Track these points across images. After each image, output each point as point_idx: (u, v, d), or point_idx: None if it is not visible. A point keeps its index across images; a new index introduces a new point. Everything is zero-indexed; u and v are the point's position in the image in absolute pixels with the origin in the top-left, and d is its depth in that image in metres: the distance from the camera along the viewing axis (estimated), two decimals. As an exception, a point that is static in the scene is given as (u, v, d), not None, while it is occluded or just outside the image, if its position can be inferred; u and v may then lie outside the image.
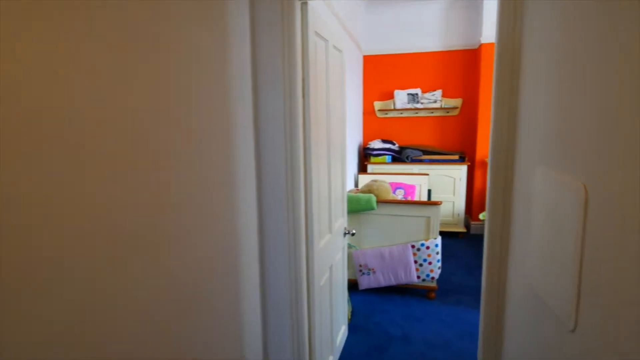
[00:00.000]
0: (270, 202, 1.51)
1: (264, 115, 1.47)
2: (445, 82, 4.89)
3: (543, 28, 1.07)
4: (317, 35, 1.66)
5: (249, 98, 1.41)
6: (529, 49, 1.21)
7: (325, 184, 1.90)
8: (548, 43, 1.02)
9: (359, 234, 3.10)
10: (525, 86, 1.23)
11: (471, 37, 4.70)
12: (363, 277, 3.07)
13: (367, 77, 5.08)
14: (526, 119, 1.21)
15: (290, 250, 1.53)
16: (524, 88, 1.25)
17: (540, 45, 1.10)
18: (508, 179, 1.34)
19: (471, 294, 3.12)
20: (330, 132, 1.94)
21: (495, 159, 1.36)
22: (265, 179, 1.50)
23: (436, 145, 5.02)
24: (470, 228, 4.79)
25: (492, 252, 1.42)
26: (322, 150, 1.81)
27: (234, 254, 1.31)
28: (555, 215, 0.93)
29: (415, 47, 4.88)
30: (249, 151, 1.41)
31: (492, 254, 1.42)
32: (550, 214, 0.96)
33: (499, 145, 1.35)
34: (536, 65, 1.13)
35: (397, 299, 3.05)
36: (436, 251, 2.95)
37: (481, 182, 4.68)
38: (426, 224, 2.97)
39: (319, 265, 1.75)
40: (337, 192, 2.17)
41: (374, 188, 3.20)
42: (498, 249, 1.39)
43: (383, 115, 5.11)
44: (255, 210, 1.47)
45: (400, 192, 4.29)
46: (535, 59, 1.14)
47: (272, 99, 1.47)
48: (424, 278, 3.00)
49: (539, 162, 1.09)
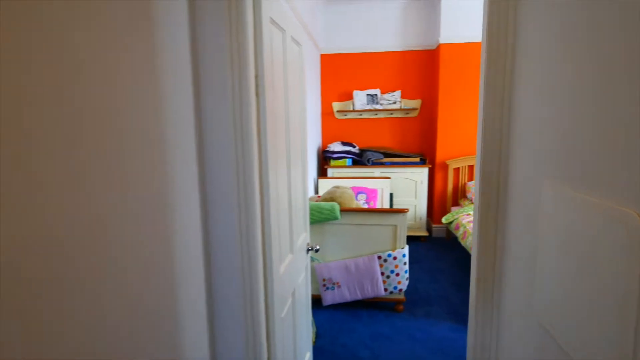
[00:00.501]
0: (218, 229, 1.22)
1: (209, 123, 1.18)
2: (404, 83, 4.79)
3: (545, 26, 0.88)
4: (273, 23, 1.39)
5: (188, 104, 1.11)
6: (525, 48, 1.02)
7: (285, 196, 1.64)
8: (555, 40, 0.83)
9: (321, 245, 2.86)
10: (521, 89, 1.04)
11: (429, 38, 4.62)
12: (327, 292, 2.83)
13: (325, 77, 4.87)
14: (525, 126, 1.02)
15: (246, 285, 1.25)
16: (519, 91, 1.06)
17: (541, 44, 0.91)
18: (501, 193, 1.15)
19: (439, 304, 2.98)
20: (290, 136, 1.68)
21: (486, 170, 1.16)
22: (212, 201, 1.22)
23: (396, 148, 4.91)
24: (432, 231, 4.71)
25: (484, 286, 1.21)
26: (281, 158, 1.55)
27: (169, 299, 1.01)
28: (583, 246, 0.73)
29: (373, 46, 4.73)
30: (188, 169, 1.12)
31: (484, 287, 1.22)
32: (573, 244, 0.77)
33: (490, 154, 1.15)
34: (538, 65, 0.94)
35: (363, 314, 2.84)
36: (404, 261, 2.78)
37: (442, 184, 4.61)
38: (393, 232, 2.78)
39: (280, 295, 1.49)
40: (299, 203, 1.91)
41: (336, 195, 2.98)
42: (490, 277, 1.19)
43: (342, 117, 4.92)
44: (200, 240, 1.18)
45: (362, 197, 4.11)
46: (535, 59, 0.96)
47: (219, 102, 1.18)
48: (392, 290, 2.81)
49: (545, 174, 0.90)
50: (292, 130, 1.73)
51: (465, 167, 4.50)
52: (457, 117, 4.43)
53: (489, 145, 1.16)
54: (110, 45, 0.76)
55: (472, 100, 4.38)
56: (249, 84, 1.20)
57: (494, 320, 1.20)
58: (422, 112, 4.83)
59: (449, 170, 4.52)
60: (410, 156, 4.58)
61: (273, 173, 1.38)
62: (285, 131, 1.62)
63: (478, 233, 1.18)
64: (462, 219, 3.84)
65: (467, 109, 4.41)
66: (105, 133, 0.74)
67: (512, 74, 1.10)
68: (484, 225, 1.18)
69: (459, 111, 4.42)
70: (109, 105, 0.76)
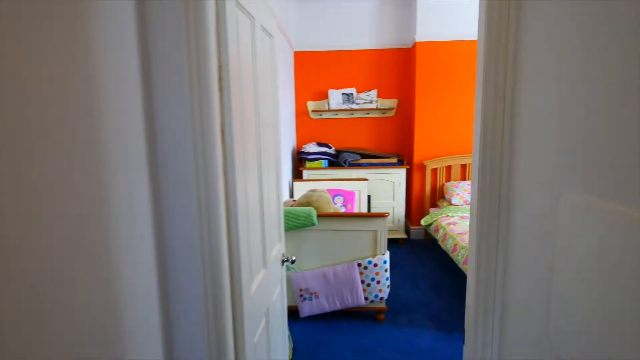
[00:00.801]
0: (176, 250, 1.03)
1: (164, 125, 0.99)
2: (381, 82, 4.67)
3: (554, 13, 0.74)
4: (239, 7, 1.21)
5: (135, 104, 0.91)
6: (530, 46, 0.88)
7: (257, 205, 1.45)
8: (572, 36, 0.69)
9: (298, 253, 2.69)
10: (527, 87, 0.91)
11: (405, 36, 4.52)
12: (305, 303, 2.66)
13: (299, 75, 4.69)
14: (533, 128, 0.88)
15: (210, 315, 1.06)
16: (525, 90, 0.92)
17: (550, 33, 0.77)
18: (503, 204, 1.01)
19: (421, 311, 2.86)
20: (262, 136, 1.50)
21: (485, 179, 1.02)
22: (168, 218, 1.02)
23: (374, 148, 4.79)
24: (411, 233, 4.62)
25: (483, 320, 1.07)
26: (251, 161, 1.37)
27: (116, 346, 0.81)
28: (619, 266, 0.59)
29: (349, 44, 4.59)
30: (137, 181, 0.92)
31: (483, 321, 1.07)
32: (605, 263, 0.63)
33: (489, 161, 1.01)
34: (547, 59, 0.81)
35: (343, 325, 2.68)
36: (384, 268, 2.64)
37: (420, 185, 4.52)
38: (372, 238, 2.64)
39: (252, 318, 1.30)
40: (272, 211, 1.73)
41: (313, 199, 2.80)
42: (491, 306, 1.05)
43: (317, 117, 4.75)
44: (152, 263, 0.98)
45: (340, 199, 3.96)
46: (545, 57, 0.82)
47: (174, 98, 0.99)
48: (372, 299, 2.67)
49: (563, 182, 0.76)
50: (264, 130, 1.54)
51: (443, 168, 4.43)
52: (434, 116, 4.36)
53: (489, 150, 1.01)
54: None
55: (449, 99, 4.32)
56: (210, 76, 1.01)
57: (494, 356, 1.06)
58: (398, 112, 4.73)
59: (426, 171, 4.43)
60: (387, 157, 4.46)
61: (241, 179, 1.20)
62: (256, 131, 1.43)
63: (476, 252, 1.04)
64: (442, 221, 3.76)
65: (444, 109, 4.34)
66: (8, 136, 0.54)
67: (515, 70, 0.97)
68: (483, 244, 1.03)
69: (436, 111, 4.34)
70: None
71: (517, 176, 0.96)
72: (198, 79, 1.00)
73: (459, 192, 4.11)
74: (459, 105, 4.32)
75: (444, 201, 4.32)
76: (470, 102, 4.30)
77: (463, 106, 4.32)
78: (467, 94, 4.29)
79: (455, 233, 3.33)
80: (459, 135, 4.38)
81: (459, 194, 4.10)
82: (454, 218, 3.75)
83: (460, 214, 3.84)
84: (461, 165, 4.40)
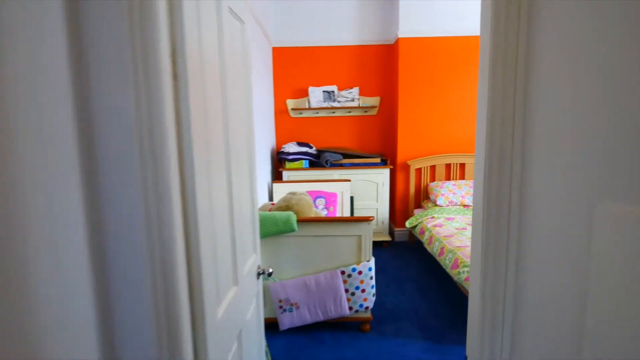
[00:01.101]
0: (120, 273, 0.83)
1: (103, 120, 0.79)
2: (362, 79, 4.52)
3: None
4: (198, -19, 1.02)
5: (65, 97, 0.71)
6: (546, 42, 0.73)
7: (225, 212, 1.26)
8: None
9: (277, 261, 2.50)
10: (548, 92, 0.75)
11: (387, 32, 4.39)
12: (284, 314, 2.47)
13: (278, 72, 4.49)
14: (552, 130, 0.72)
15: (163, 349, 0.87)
16: (544, 93, 0.76)
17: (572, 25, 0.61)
18: (513, 216, 0.85)
19: (408, 319, 2.72)
20: (231, 133, 1.31)
21: (492, 188, 0.86)
22: (111, 229, 0.82)
23: (356, 148, 4.63)
24: (395, 235, 4.48)
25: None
26: (218, 161, 1.18)
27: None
28: None
29: (330, 40, 4.42)
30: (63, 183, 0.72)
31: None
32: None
33: (497, 166, 0.85)
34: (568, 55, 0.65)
35: (326, 337, 2.51)
36: (370, 276, 2.48)
37: (404, 186, 4.39)
38: (357, 244, 2.48)
39: (219, 346, 1.11)
40: (246, 218, 1.54)
41: (292, 203, 2.62)
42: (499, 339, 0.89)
43: (297, 115, 4.57)
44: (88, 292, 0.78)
45: (321, 201, 3.79)
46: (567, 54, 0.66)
47: (114, 86, 0.79)
48: (357, 309, 2.50)
49: (599, 190, 0.61)
50: (235, 127, 1.35)
51: (427, 168, 4.31)
52: (417, 115, 4.23)
53: (496, 156, 0.86)
54: None
55: (433, 97, 4.20)
56: (159, 60, 0.82)
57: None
58: (381, 110, 4.59)
59: (410, 171, 4.31)
60: (370, 157, 4.31)
61: (204, 183, 1.01)
62: (224, 127, 1.24)
63: (482, 273, 0.88)
64: (427, 223, 3.63)
65: (428, 107, 4.22)
66: None
67: (527, 68, 0.81)
68: (490, 264, 0.88)
69: (420, 109, 4.22)
70: None
71: (532, 183, 0.80)
72: (144, 62, 0.81)
73: (444, 192, 4.00)
74: (443, 103, 4.21)
75: (429, 202, 4.20)
76: (455, 100, 4.19)
77: (447, 104, 4.21)
78: (452, 92, 4.18)
79: (442, 236, 3.20)
80: (443, 134, 4.27)
81: (444, 194, 3.98)
82: (440, 220, 3.62)
83: (446, 215, 3.72)
84: (445, 165, 4.29)
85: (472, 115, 4.20)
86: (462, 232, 3.22)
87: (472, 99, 4.18)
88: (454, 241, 3.01)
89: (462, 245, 2.86)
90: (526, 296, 0.83)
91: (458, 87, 4.17)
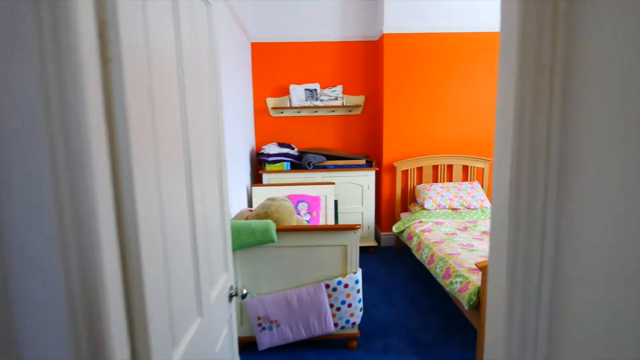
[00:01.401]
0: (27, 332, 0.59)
1: None
2: (346, 77, 4.32)
3: None
4: None
5: None
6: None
7: (185, 230, 1.03)
8: None
9: (255, 274, 2.27)
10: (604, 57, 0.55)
11: (372, 27, 4.20)
12: (264, 333, 2.24)
13: (257, 69, 4.25)
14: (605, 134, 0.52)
15: None
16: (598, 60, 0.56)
17: None
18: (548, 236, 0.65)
19: (397, 333, 2.52)
20: (192, 133, 1.08)
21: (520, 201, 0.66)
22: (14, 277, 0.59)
23: (340, 149, 4.43)
24: (381, 240, 4.30)
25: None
26: (173, 165, 0.95)
27: None
28: None
29: (311, 35, 4.20)
30: None
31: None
32: None
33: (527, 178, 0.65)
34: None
35: (310, 356, 2.29)
36: (357, 289, 2.27)
37: (390, 188, 4.21)
38: (342, 254, 2.27)
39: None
40: (213, 233, 1.31)
41: (272, 210, 2.39)
42: None
43: (278, 114, 4.34)
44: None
45: (304, 206, 3.57)
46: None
47: (11, 66, 0.56)
48: (343, 325, 2.29)
49: None
50: (198, 126, 1.12)
51: (414, 169, 4.14)
52: (404, 114, 4.06)
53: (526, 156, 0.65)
54: None
55: (419, 96, 4.03)
56: (78, 35, 0.59)
57: None
58: (366, 110, 4.40)
59: (396, 173, 4.13)
60: (355, 158, 4.12)
61: (150, 196, 0.78)
62: (182, 125, 1.01)
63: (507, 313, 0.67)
64: (415, 228, 3.45)
65: (414, 106, 4.05)
66: None
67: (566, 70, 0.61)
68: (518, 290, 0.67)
69: (406, 108, 4.05)
70: None
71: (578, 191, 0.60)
72: (53, 36, 0.58)
73: (432, 195, 3.83)
74: (429, 103, 4.05)
75: (416, 205, 4.03)
76: (442, 99, 4.04)
77: (434, 104, 4.05)
78: (439, 91, 4.03)
79: (431, 242, 3.03)
80: (430, 134, 4.11)
81: (431, 197, 3.81)
82: (428, 224, 3.45)
83: (434, 219, 3.56)
84: (433, 167, 4.13)
85: (460, 115, 4.06)
86: (452, 238, 3.05)
87: (460, 98, 4.03)
88: (444, 248, 2.84)
89: (453, 253, 2.68)
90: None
91: (446, 86, 4.02)
